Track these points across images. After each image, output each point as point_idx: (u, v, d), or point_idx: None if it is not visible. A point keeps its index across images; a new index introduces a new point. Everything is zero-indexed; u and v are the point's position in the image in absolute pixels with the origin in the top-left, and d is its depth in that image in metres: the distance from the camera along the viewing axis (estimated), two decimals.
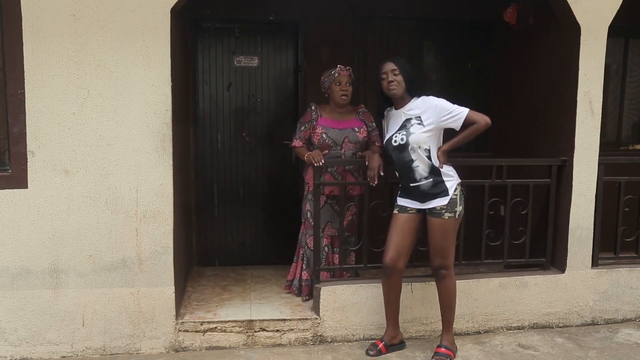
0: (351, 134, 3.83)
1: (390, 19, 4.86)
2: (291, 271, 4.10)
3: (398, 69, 3.29)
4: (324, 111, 3.89)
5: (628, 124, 5.30)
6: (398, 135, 3.31)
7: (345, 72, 3.81)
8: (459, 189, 3.33)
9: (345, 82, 3.80)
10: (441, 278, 3.34)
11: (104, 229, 3.33)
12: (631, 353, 3.54)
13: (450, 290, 3.38)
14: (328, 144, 3.82)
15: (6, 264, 3.28)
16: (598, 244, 3.96)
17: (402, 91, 3.31)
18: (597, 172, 3.87)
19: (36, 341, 3.35)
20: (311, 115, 3.87)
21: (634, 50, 5.18)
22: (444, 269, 3.33)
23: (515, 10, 4.33)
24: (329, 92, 3.86)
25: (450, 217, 3.27)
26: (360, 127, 3.86)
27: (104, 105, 3.25)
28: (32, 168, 3.24)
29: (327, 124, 3.83)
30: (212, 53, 4.66)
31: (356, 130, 3.84)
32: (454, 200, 3.27)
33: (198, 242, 4.80)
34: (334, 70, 3.82)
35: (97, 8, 3.19)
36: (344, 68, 3.82)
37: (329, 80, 3.83)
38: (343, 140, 3.82)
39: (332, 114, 3.88)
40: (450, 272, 3.35)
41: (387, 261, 3.35)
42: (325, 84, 3.87)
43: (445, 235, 3.29)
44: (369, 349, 3.46)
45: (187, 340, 3.49)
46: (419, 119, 3.27)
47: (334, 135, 3.82)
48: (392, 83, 3.28)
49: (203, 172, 4.75)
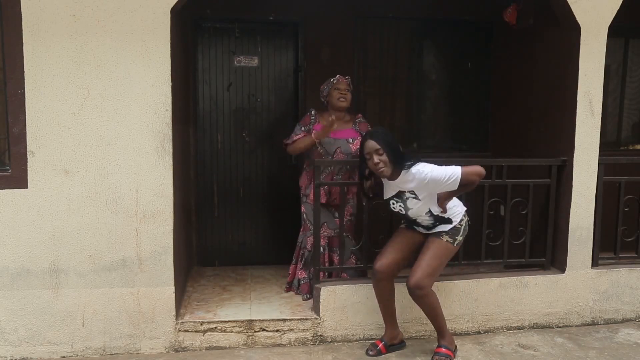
0: (344, 145, 3.85)
1: (390, 19, 4.86)
2: (290, 273, 4.12)
3: (381, 147, 3.15)
4: (322, 118, 3.92)
5: (628, 124, 5.30)
6: (396, 204, 3.31)
7: (344, 79, 3.89)
8: (465, 219, 3.35)
9: (344, 88, 3.87)
10: (417, 298, 3.28)
11: (104, 229, 3.33)
12: (631, 353, 3.54)
13: (430, 305, 3.30)
14: (320, 152, 3.85)
15: (6, 264, 3.28)
16: (598, 244, 3.96)
17: (391, 169, 3.19)
18: (597, 172, 3.87)
19: (36, 341, 3.35)
20: (310, 119, 3.92)
21: (634, 50, 5.19)
22: (419, 289, 3.22)
23: (515, 10, 4.33)
24: (328, 99, 3.91)
25: (449, 242, 3.29)
26: (354, 139, 3.88)
27: (104, 105, 3.25)
28: (32, 168, 3.24)
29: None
30: (212, 53, 4.66)
31: (350, 142, 3.87)
32: (457, 228, 3.31)
33: (198, 242, 4.80)
34: (332, 78, 3.90)
35: (97, 8, 3.19)
36: (343, 77, 3.91)
37: (328, 86, 3.90)
38: (335, 151, 3.85)
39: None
40: (425, 291, 3.25)
41: (378, 266, 3.35)
42: (324, 92, 3.93)
43: (437, 255, 3.27)
44: (369, 349, 3.46)
45: (187, 340, 3.49)
46: (414, 194, 3.22)
47: (326, 145, 3.84)
48: (379, 165, 3.16)
49: (203, 172, 4.75)
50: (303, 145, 3.87)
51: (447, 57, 5.06)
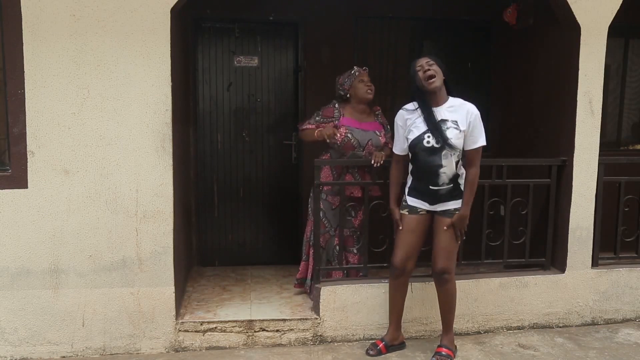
0: (374, 137, 3.79)
1: (390, 19, 4.86)
2: (301, 269, 3.99)
3: (432, 60, 3.18)
4: (345, 111, 3.84)
5: (628, 124, 5.30)
6: (431, 138, 3.15)
7: (364, 70, 3.84)
8: None
9: (368, 79, 3.81)
10: (444, 283, 3.30)
11: (104, 229, 3.33)
12: (631, 353, 3.54)
13: (451, 294, 3.35)
14: (353, 144, 3.75)
15: (6, 264, 3.28)
16: (598, 244, 3.96)
17: (441, 83, 3.16)
18: (597, 172, 3.87)
19: (36, 341, 3.35)
20: (333, 113, 3.82)
21: (634, 50, 5.18)
22: (447, 273, 3.28)
23: (515, 10, 4.34)
24: (352, 91, 3.80)
25: None
26: (381, 132, 3.84)
27: (104, 105, 3.25)
28: (32, 168, 3.24)
29: (351, 124, 3.78)
30: (212, 53, 4.66)
31: (378, 134, 3.82)
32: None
33: (198, 242, 4.79)
34: (352, 70, 3.83)
35: (97, 8, 3.19)
36: (361, 68, 3.85)
37: (350, 79, 3.81)
38: (367, 143, 3.77)
39: (353, 114, 3.83)
40: (452, 276, 3.31)
41: (397, 262, 3.33)
42: (346, 84, 3.82)
43: (450, 237, 3.26)
44: (369, 349, 3.46)
45: (187, 340, 3.49)
46: (456, 123, 3.15)
47: (359, 136, 3.76)
48: (429, 72, 3.12)
49: (203, 172, 4.75)
50: (310, 138, 3.80)
51: (447, 57, 5.01)
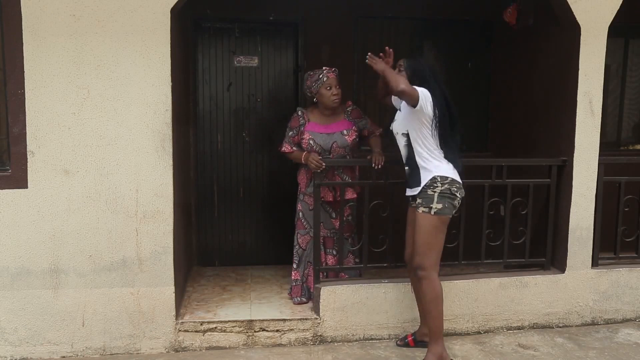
0: (339, 139, 3.75)
1: (390, 19, 4.86)
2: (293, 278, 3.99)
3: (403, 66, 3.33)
4: (312, 114, 3.81)
5: (628, 124, 5.30)
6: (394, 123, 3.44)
7: (332, 74, 3.71)
8: (440, 187, 3.13)
9: (335, 85, 3.70)
10: (418, 279, 3.22)
11: (104, 229, 3.33)
12: (631, 353, 3.54)
13: (428, 293, 3.18)
14: (316, 150, 3.73)
15: (6, 264, 3.28)
16: (598, 244, 3.96)
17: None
18: (597, 172, 3.87)
19: (36, 341, 3.35)
20: (298, 121, 3.80)
21: (634, 50, 5.18)
22: (421, 270, 3.17)
23: (515, 10, 4.33)
24: (318, 97, 3.73)
25: (425, 213, 3.14)
26: (349, 130, 3.77)
27: (104, 105, 3.25)
28: (32, 168, 3.24)
29: (315, 129, 3.76)
30: (212, 53, 4.66)
31: (345, 134, 3.75)
32: (429, 196, 3.13)
33: (198, 242, 4.79)
34: (320, 73, 3.70)
35: (97, 8, 3.19)
36: (330, 70, 3.72)
37: (317, 84, 3.70)
38: (331, 146, 3.75)
39: (321, 117, 3.80)
40: (427, 274, 3.16)
41: (405, 258, 3.45)
42: (312, 88, 3.73)
43: (420, 231, 3.16)
44: (398, 340, 3.58)
45: (187, 340, 3.49)
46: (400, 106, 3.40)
47: (321, 141, 3.74)
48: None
49: (203, 172, 4.75)
50: (299, 161, 3.78)
51: (447, 57, 5.05)
